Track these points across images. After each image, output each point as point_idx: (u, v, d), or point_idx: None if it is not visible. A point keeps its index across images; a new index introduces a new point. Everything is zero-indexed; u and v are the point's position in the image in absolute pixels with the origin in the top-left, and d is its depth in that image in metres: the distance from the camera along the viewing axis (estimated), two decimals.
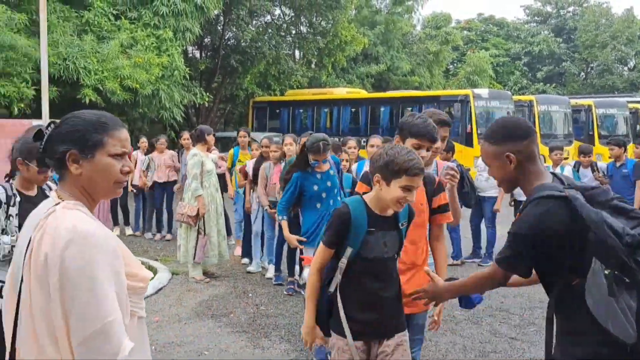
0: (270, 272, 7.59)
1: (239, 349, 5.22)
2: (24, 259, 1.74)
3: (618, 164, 8.62)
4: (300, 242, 5.69)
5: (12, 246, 3.25)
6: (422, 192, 3.26)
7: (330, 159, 5.44)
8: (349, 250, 2.79)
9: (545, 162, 9.17)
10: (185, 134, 10.60)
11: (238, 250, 8.90)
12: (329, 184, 5.36)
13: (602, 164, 9.14)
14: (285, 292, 6.90)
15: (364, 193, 3.05)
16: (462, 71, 36.15)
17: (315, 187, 5.40)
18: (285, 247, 7.23)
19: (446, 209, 3.40)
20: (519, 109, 21.53)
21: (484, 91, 20.63)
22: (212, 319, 6.01)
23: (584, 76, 44.72)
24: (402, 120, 3.37)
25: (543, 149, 20.65)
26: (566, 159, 21.89)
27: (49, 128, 1.86)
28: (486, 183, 8.66)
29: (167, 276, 7.58)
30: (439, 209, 3.37)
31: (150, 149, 11.00)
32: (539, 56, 43.27)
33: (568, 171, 8.55)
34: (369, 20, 30.70)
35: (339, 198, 5.36)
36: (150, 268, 7.95)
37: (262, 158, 7.85)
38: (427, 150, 3.23)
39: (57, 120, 1.90)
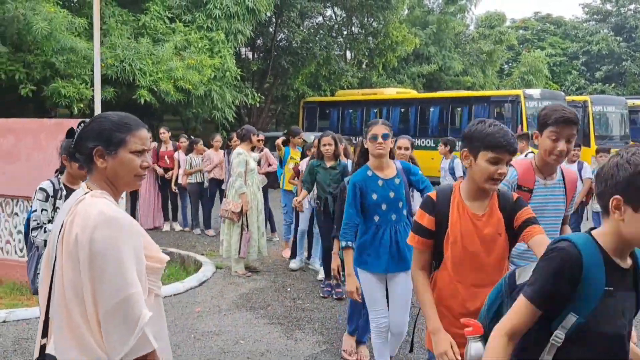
0: (321, 274, 7.44)
1: (273, 339, 5.46)
2: (57, 240, 2.01)
3: None
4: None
5: None
6: (498, 219, 2.77)
7: (399, 164, 4.34)
8: (571, 319, 1.88)
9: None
10: (235, 136, 10.79)
11: (287, 252, 8.80)
12: (391, 194, 4.14)
13: None
14: (321, 295, 6.90)
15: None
16: (517, 71, 35.57)
17: (374, 196, 4.11)
18: (318, 244, 7.48)
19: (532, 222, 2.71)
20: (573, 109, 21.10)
21: (535, 91, 20.29)
22: (250, 311, 6.29)
23: None
24: (470, 128, 2.75)
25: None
26: None
27: (80, 127, 2.13)
28: None
29: (212, 270, 7.91)
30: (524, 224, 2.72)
31: (190, 148, 11.16)
32: (598, 55, 42.08)
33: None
34: (421, 20, 30.64)
35: (404, 213, 4.21)
36: (196, 262, 8.34)
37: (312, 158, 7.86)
38: (507, 164, 2.71)
39: (87, 120, 2.18)
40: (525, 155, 8.90)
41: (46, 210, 3.67)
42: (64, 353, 1.95)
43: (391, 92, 23.97)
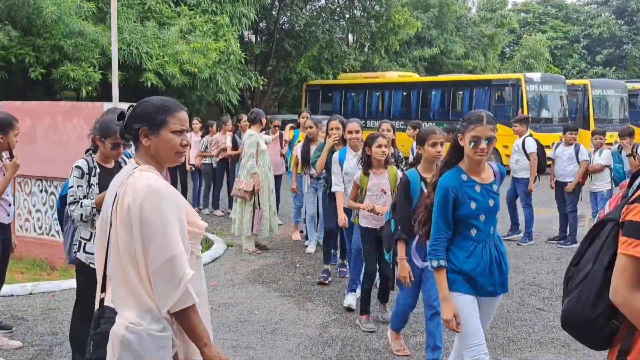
0: (311, 247, 8.08)
1: (286, 310, 5.80)
2: (112, 209, 2.32)
3: None
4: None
5: (93, 207, 3.88)
6: None
7: (495, 167, 3.60)
8: None
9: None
10: (244, 117, 11.10)
11: (297, 235, 9.06)
12: (491, 202, 3.42)
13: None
14: (316, 280, 6.83)
15: None
16: (518, 54, 35.68)
17: (473, 205, 3.37)
18: (320, 226, 7.83)
19: None
20: (572, 93, 21.32)
21: (536, 75, 20.51)
22: (263, 285, 6.62)
23: None
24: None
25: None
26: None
27: (129, 110, 2.43)
28: (516, 165, 9.05)
29: (223, 247, 8.23)
30: None
31: (205, 131, 11.61)
32: (599, 39, 42.14)
33: (606, 155, 8.74)
34: (422, 3, 30.70)
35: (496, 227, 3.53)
36: (207, 241, 8.65)
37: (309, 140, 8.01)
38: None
39: (135, 104, 2.46)
40: (524, 139, 9.16)
41: (81, 186, 3.94)
42: (121, 304, 2.26)
43: (393, 75, 24.19)
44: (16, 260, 7.02)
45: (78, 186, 3.93)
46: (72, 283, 5.26)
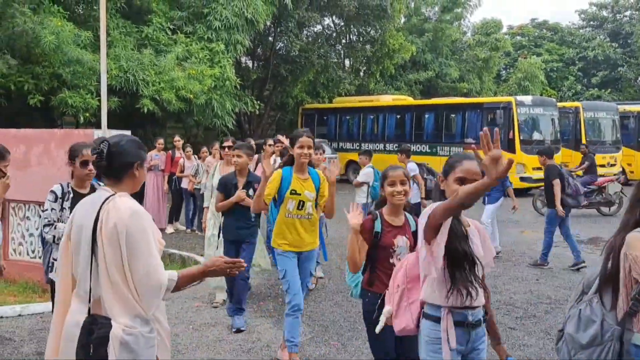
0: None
1: (264, 330, 6.04)
2: (96, 229, 2.64)
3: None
4: None
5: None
6: None
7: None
8: None
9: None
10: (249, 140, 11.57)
11: None
12: None
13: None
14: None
15: None
16: (514, 77, 36.18)
17: None
18: None
19: None
20: (564, 115, 21.67)
21: (527, 98, 20.86)
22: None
23: None
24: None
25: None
26: (613, 165, 21.94)
27: (103, 145, 2.74)
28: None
29: None
30: None
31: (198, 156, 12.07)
32: (594, 61, 42.67)
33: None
34: (417, 28, 31.29)
35: None
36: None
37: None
38: None
39: (106, 141, 2.78)
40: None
41: (55, 209, 4.23)
42: (113, 311, 2.59)
43: (387, 99, 24.59)
44: (9, 283, 7.27)
45: (52, 209, 4.22)
46: None
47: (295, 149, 4.91)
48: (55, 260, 4.22)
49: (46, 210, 4.26)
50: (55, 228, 4.21)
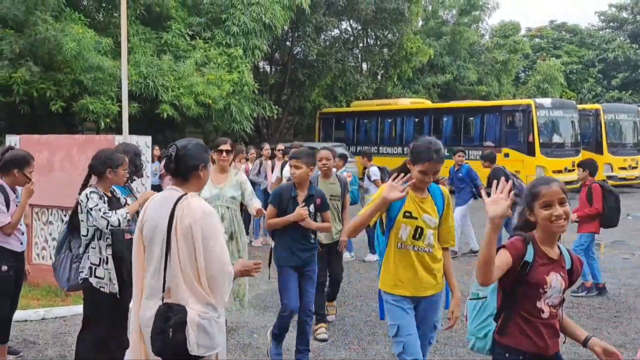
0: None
1: (287, 335, 6.04)
2: (170, 227, 2.93)
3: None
4: None
5: (127, 214, 4.32)
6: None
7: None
8: None
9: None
10: (267, 145, 11.78)
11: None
12: None
13: None
14: None
15: None
16: (533, 79, 35.96)
17: None
18: None
19: None
20: (584, 118, 21.48)
21: (546, 100, 20.73)
22: (264, 309, 6.89)
23: None
24: None
25: (611, 159, 20.57)
26: (635, 168, 21.64)
27: (171, 148, 3.08)
28: None
29: None
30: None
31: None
32: (614, 63, 42.23)
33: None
34: (435, 31, 31.22)
35: None
36: None
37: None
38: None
39: (176, 147, 3.11)
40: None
41: (104, 203, 4.29)
42: (187, 300, 2.91)
43: (405, 102, 24.55)
44: (33, 287, 7.36)
45: (101, 204, 4.26)
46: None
47: (414, 166, 3.68)
48: (94, 264, 4.29)
49: (96, 205, 4.25)
50: (116, 216, 4.25)
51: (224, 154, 5.77)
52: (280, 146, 11.21)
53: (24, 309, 6.60)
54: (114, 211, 4.26)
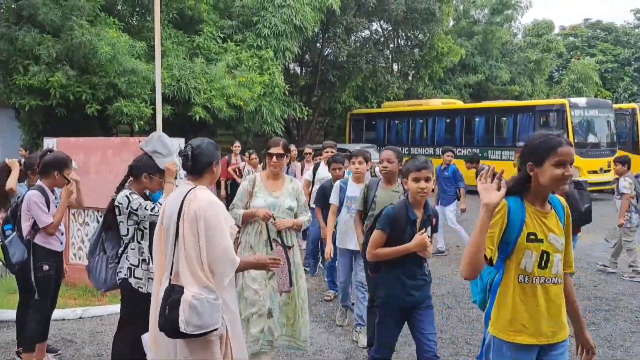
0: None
1: (316, 334, 6.07)
2: (180, 216, 3.23)
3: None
4: None
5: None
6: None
7: None
8: None
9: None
10: (293, 147, 11.72)
11: None
12: None
13: None
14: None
15: None
16: (567, 79, 35.38)
17: None
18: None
19: None
20: (620, 117, 21.07)
21: (581, 100, 20.39)
22: None
23: None
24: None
25: None
26: None
27: (188, 148, 3.40)
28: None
29: None
30: None
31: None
32: None
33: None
34: (466, 30, 30.93)
35: None
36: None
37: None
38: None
39: (192, 146, 3.44)
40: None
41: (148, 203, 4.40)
42: (187, 282, 3.18)
43: (436, 102, 24.38)
44: (70, 286, 7.52)
45: (149, 205, 4.36)
46: (119, 307, 5.67)
47: (542, 165, 2.81)
48: (134, 265, 4.37)
49: (140, 204, 4.34)
50: (157, 208, 4.36)
51: (274, 158, 4.95)
52: (309, 149, 11.13)
53: (61, 308, 6.75)
54: (154, 206, 4.35)
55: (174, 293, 3.17)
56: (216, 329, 3.16)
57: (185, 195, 3.26)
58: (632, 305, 7.26)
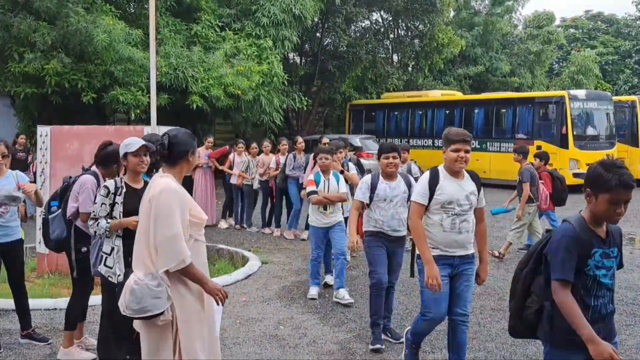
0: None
1: (311, 325, 6.01)
2: (141, 206, 3.40)
3: None
4: None
5: (107, 230, 4.23)
6: None
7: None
8: None
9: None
10: (300, 139, 11.27)
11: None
12: None
13: None
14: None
15: None
16: (567, 71, 35.22)
17: None
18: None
19: None
20: (619, 110, 20.96)
21: (581, 92, 20.28)
22: (291, 301, 6.86)
23: None
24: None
25: None
26: None
27: (165, 138, 3.41)
28: None
29: (258, 264, 8.51)
30: None
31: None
32: None
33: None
34: (467, 22, 30.74)
35: None
36: (242, 257, 8.97)
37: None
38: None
39: (167, 134, 3.46)
40: None
41: (105, 204, 4.25)
42: (136, 267, 3.35)
43: (436, 94, 24.25)
44: (63, 276, 7.45)
45: (102, 204, 4.25)
46: None
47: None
48: (106, 253, 4.27)
49: (95, 204, 4.32)
50: (98, 224, 4.25)
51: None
52: (325, 139, 11.05)
53: (53, 297, 6.68)
54: (98, 221, 4.27)
55: (126, 277, 3.36)
56: (160, 314, 3.22)
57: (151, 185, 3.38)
58: (627, 298, 7.21)
